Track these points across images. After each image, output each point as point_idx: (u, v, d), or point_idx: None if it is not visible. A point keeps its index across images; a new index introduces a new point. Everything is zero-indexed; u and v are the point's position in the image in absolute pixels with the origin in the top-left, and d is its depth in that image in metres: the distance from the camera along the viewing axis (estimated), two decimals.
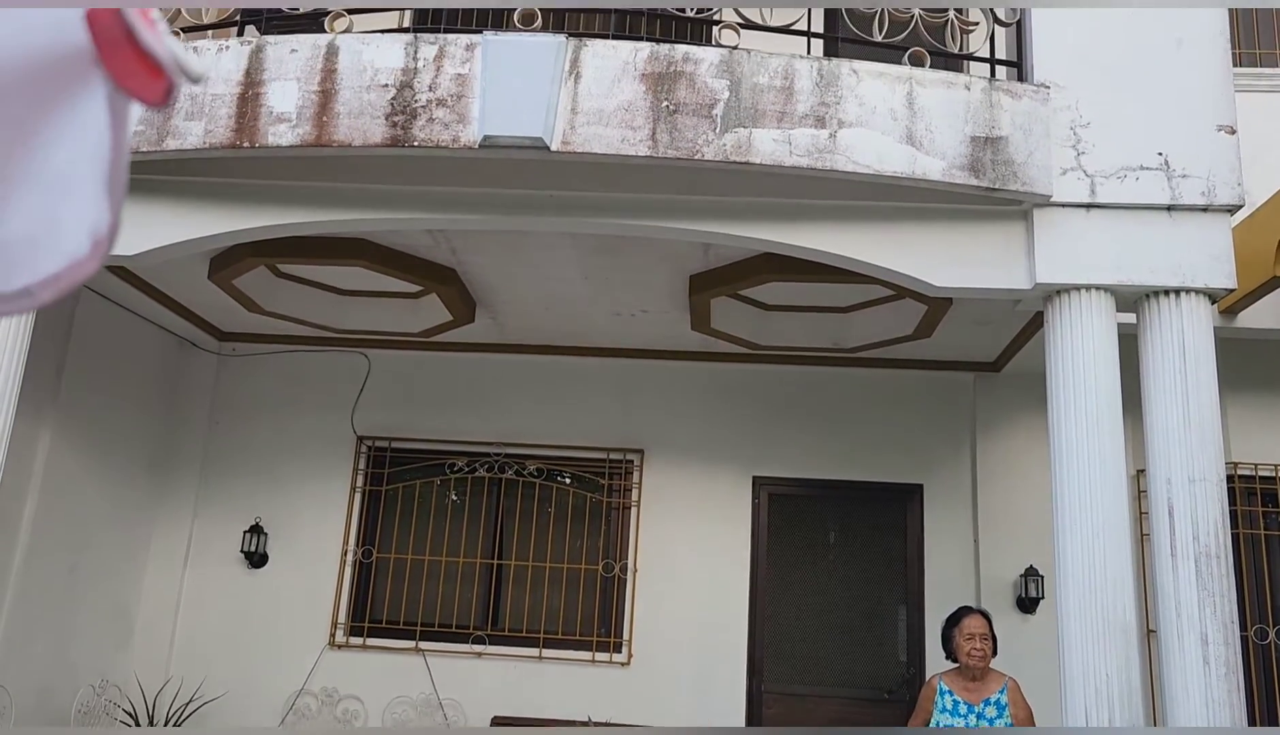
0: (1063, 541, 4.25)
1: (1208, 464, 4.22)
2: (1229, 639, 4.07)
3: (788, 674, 6.93)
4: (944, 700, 4.78)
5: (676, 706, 6.79)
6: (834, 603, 7.04)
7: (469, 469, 7.38)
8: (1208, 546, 4.13)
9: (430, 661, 6.98)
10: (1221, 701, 4.00)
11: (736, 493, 7.22)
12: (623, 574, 7.13)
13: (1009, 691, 4.75)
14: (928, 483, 7.13)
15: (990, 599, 6.75)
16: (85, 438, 6.44)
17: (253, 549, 7.13)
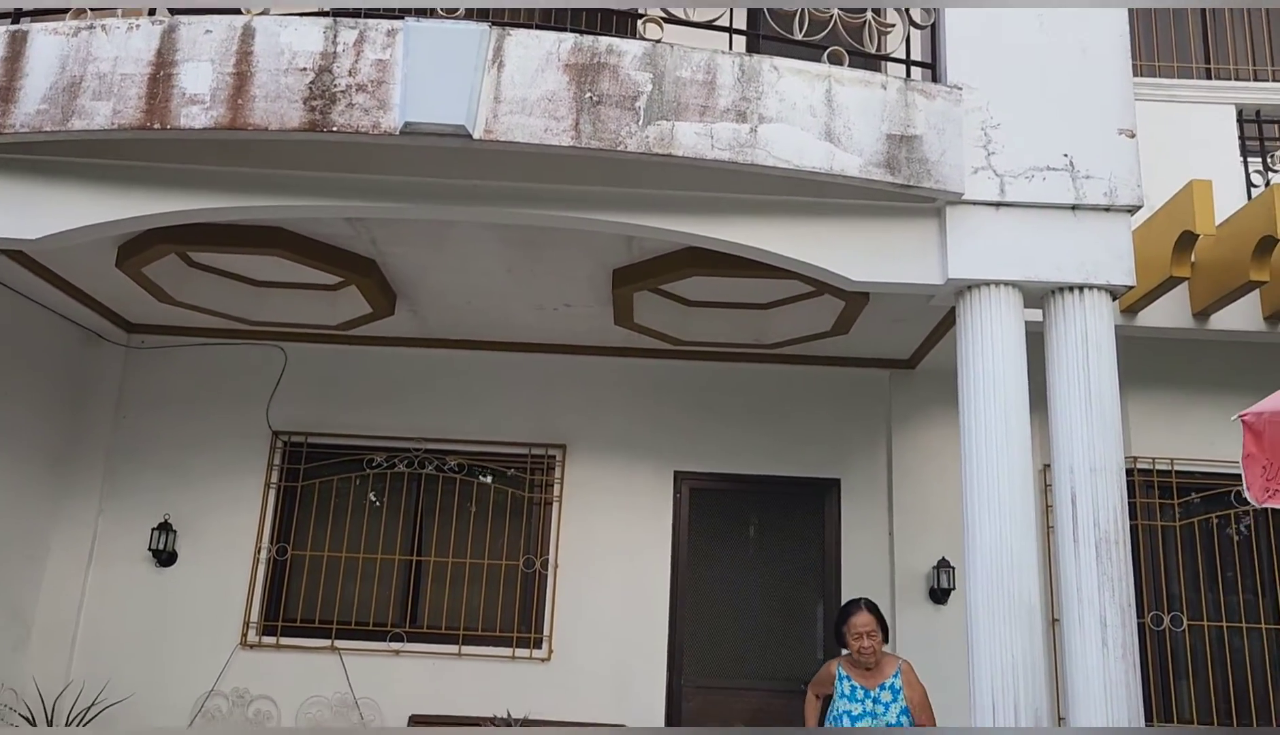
0: (972, 529, 4.38)
1: (1108, 454, 4.39)
2: (1126, 622, 4.24)
3: (707, 667, 6.99)
4: (842, 685, 4.93)
5: (597, 701, 6.79)
6: (753, 596, 7.13)
7: (388, 464, 7.28)
8: (1107, 533, 4.30)
9: (346, 660, 6.87)
10: (1119, 682, 4.17)
11: (658, 487, 7.26)
12: (543, 570, 7.11)
13: (903, 674, 4.92)
14: (845, 477, 7.27)
15: (904, 590, 6.92)
16: None
17: (161, 547, 6.92)
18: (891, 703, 4.77)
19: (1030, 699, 4.16)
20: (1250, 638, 6.65)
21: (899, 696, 4.80)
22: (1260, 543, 6.82)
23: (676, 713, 6.89)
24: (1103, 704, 4.15)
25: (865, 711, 4.78)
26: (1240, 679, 6.59)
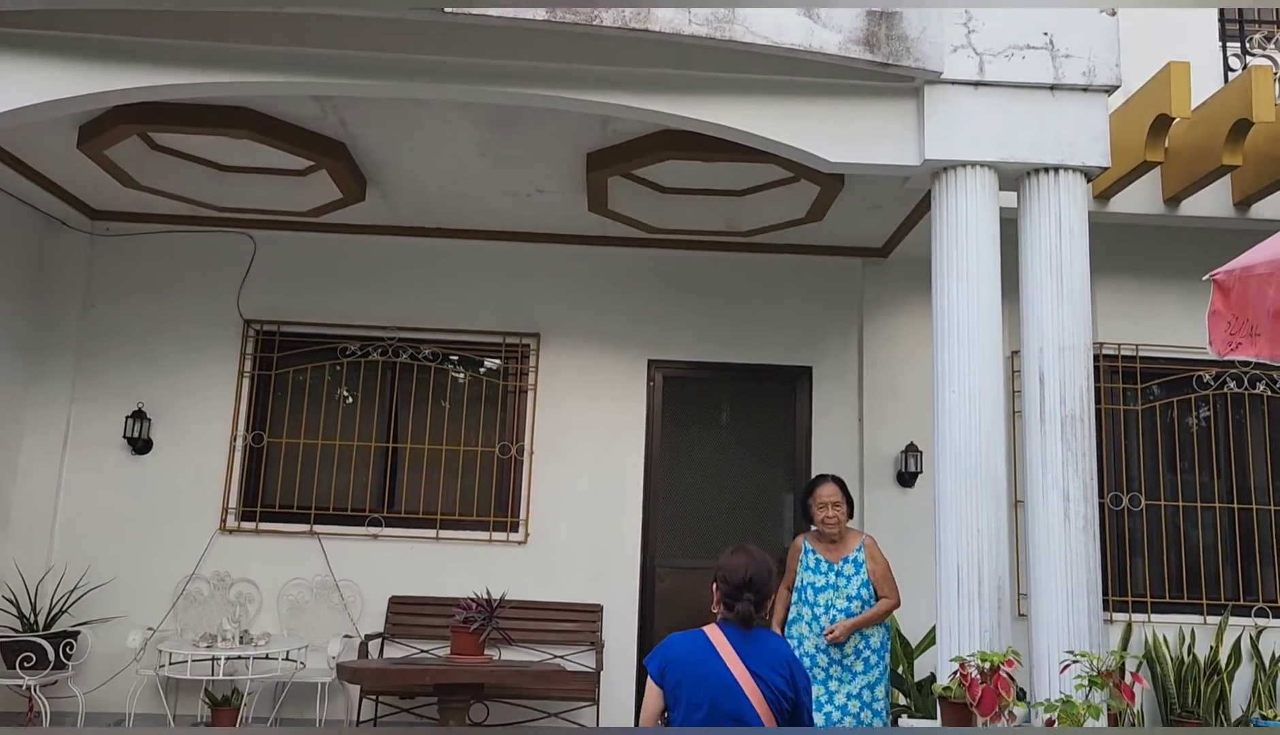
0: (942, 410, 4.48)
1: (1077, 333, 4.47)
2: (1088, 496, 4.38)
3: (679, 549, 7.16)
4: (808, 559, 5.00)
5: (572, 582, 6.96)
6: (725, 480, 7.26)
7: (362, 353, 7.27)
8: (1073, 411, 4.41)
9: (326, 544, 6.96)
10: (1079, 552, 4.33)
11: (631, 375, 7.31)
12: (519, 456, 7.19)
13: (866, 548, 5.00)
14: (817, 365, 7.35)
15: (873, 474, 7.08)
16: None
17: (136, 434, 6.92)
18: (854, 575, 4.88)
19: (994, 572, 4.33)
20: (1204, 516, 6.89)
21: (861, 569, 4.90)
22: (1218, 428, 7.01)
23: (650, 592, 7.08)
24: (1063, 575, 4.32)
25: (828, 583, 4.89)
26: (1193, 556, 6.85)
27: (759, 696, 3.05)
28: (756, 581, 3.18)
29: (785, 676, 3.11)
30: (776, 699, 3.06)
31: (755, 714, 3.03)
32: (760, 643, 3.16)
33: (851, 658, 4.81)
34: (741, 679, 3.06)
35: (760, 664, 3.09)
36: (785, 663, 3.15)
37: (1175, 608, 6.70)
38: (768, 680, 3.07)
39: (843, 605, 4.85)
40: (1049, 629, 4.28)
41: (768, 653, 3.14)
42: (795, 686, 3.13)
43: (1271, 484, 6.92)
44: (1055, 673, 4.13)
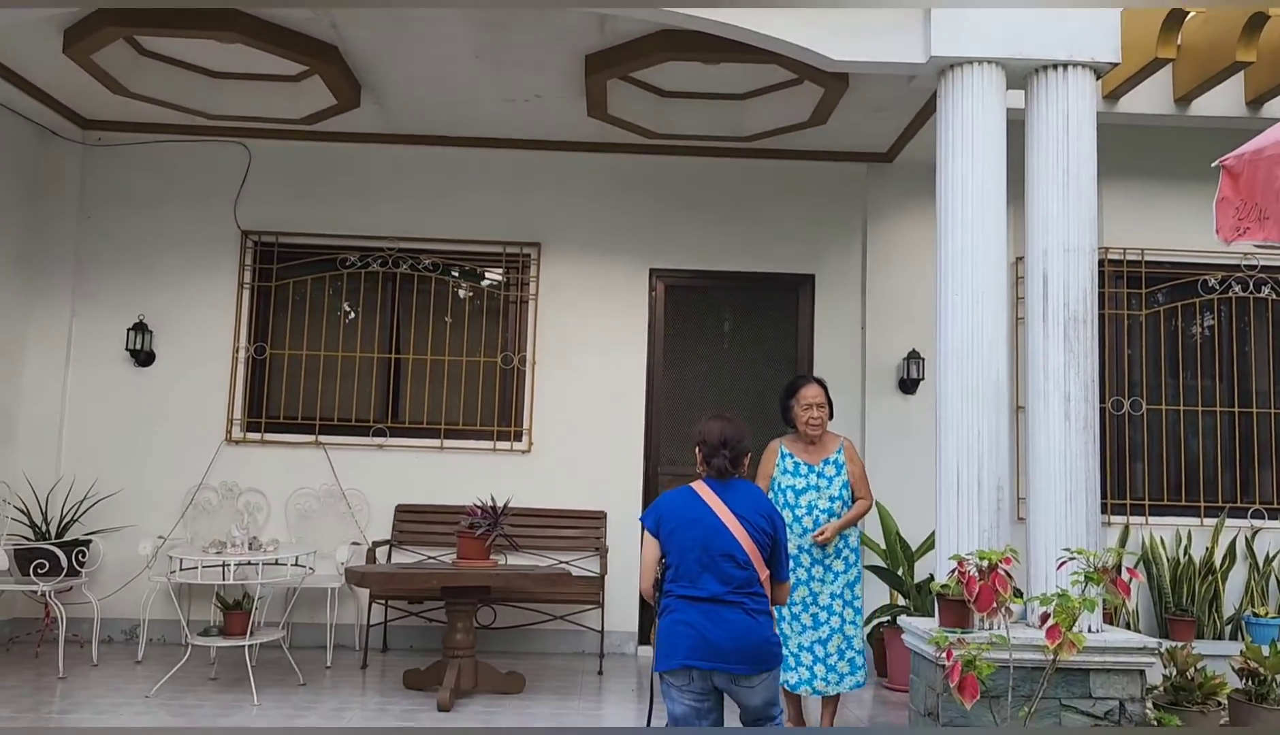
0: (945, 312, 4.45)
1: (1082, 235, 4.42)
2: (1089, 397, 4.38)
3: (682, 456, 7.21)
4: (785, 463, 4.94)
5: (576, 489, 7.03)
6: (727, 388, 7.28)
7: (362, 264, 7.23)
8: (1076, 312, 4.38)
9: (331, 454, 7.02)
10: (1079, 453, 4.35)
11: (633, 284, 7.27)
12: (521, 366, 7.20)
13: (845, 450, 4.96)
14: (819, 272, 7.30)
15: (874, 382, 7.09)
16: None
17: (138, 347, 6.93)
18: (835, 476, 4.85)
19: (993, 474, 4.35)
20: (1205, 421, 6.92)
21: (842, 471, 4.87)
22: (1221, 333, 6.99)
23: (651, 498, 7.13)
24: (1062, 475, 4.34)
25: (809, 485, 4.86)
26: (1192, 460, 6.90)
27: (744, 534, 3.41)
28: (731, 440, 3.55)
29: (765, 515, 3.49)
30: (759, 536, 3.43)
31: (741, 549, 3.39)
32: (740, 490, 3.53)
33: (833, 558, 4.82)
34: (727, 520, 3.43)
35: (742, 507, 3.47)
36: (764, 505, 3.53)
37: (1173, 510, 6.78)
38: (750, 520, 3.44)
39: (825, 506, 4.82)
40: (1047, 529, 4.33)
41: (748, 497, 3.52)
42: (774, 525, 3.50)
43: (1273, 388, 6.93)
44: (1052, 571, 4.19)
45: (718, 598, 3.36)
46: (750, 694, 3.41)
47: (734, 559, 3.37)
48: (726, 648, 3.32)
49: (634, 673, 6.39)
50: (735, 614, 3.35)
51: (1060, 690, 4.06)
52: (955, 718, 4.09)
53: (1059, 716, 4.08)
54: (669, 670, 3.39)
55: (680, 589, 3.40)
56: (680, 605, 3.39)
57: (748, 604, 3.37)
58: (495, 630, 6.75)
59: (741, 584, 3.37)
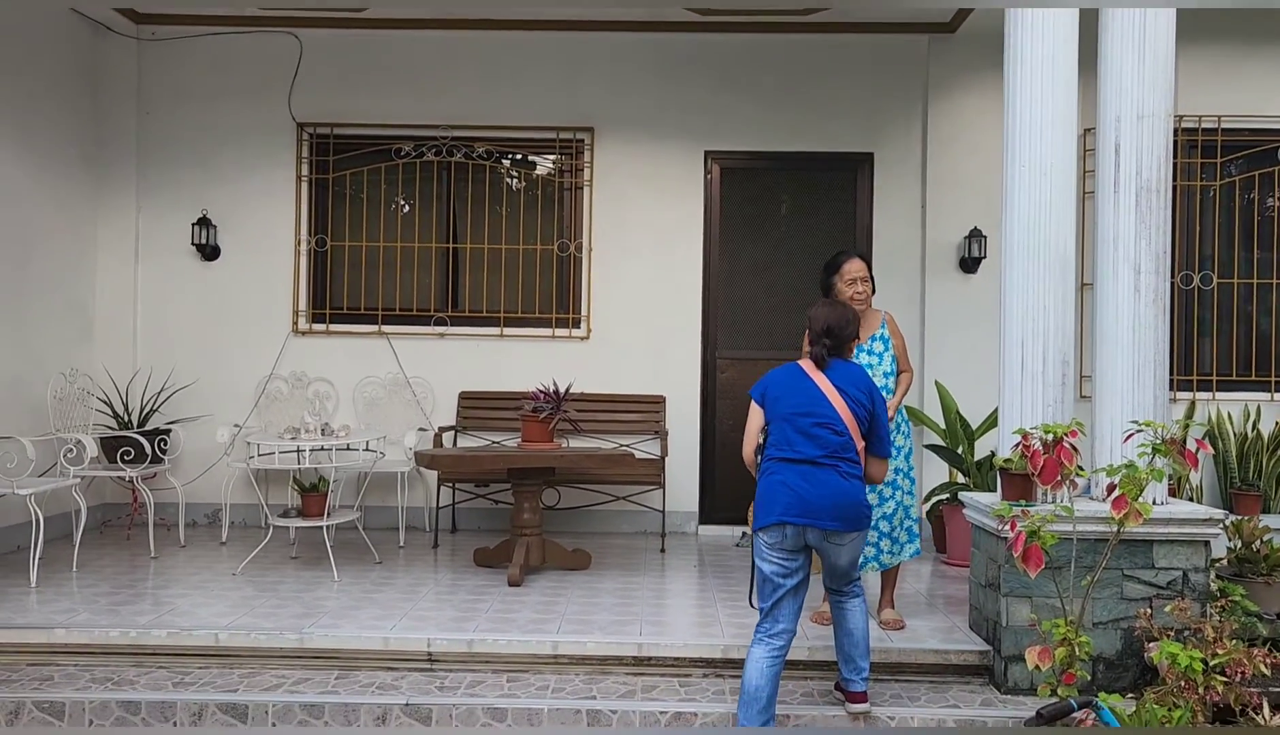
0: (1013, 179, 4.36)
1: (1157, 100, 4.27)
2: (1160, 269, 4.30)
3: (739, 340, 7.24)
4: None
5: (635, 374, 7.11)
6: (785, 271, 7.23)
7: (417, 154, 7.23)
8: (1149, 181, 4.26)
9: (394, 343, 7.16)
10: (1148, 325, 4.29)
11: (688, 168, 7.19)
12: (578, 253, 7.21)
13: (888, 324, 4.86)
14: (879, 151, 7.15)
15: (934, 261, 6.99)
16: (8, 133, 6.16)
17: (204, 241, 7.06)
18: (884, 352, 4.76)
19: (1059, 348, 4.31)
20: (1277, 294, 6.74)
21: (889, 345, 4.77)
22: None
23: (711, 383, 7.22)
24: (1130, 348, 4.29)
25: (864, 364, 4.73)
26: (1263, 334, 6.75)
27: (842, 404, 3.69)
28: (834, 329, 3.82)
29: (864, 391, 3.75)
30: (856, 408, 3.71)
31: (840, 419, 3.68)
32: (842, 368, 3.80)
33: (894, 432, 4.78)
34: (827, 391, 3.71)
35: (842, 381, 3.75)
36: (865, 382, 3.79)
37: (1241, 386, 6.68)
38: (849, 393, 3.72)
39: (881, 382, 4.73)
40: (1113, 402, 4.30)
41: (849, 374, 3.78)
42: (873, 400, 3.76)
43: None
44: (1117, 445, 4.18)
45: (814, 460, 3.65)
46: (839, 552, 3.71)
47: (831, 427, 3.67)
48: (820, 505, 3.61)
49: (694, 550, 6.55)
50: (829, 475, 3.64)
51: (1123, 561, 4.10)
52: (1016, 588, 4.16)
53: (1120, 587, 4.13)
54: (764, 527, 3.68)
55: (779, 453, 3.71)
56: (779, 467, 3.70)
57: (842, 467, 3.66)
58: (560, 511, 6.95)
59: (836, 449, 3.66)
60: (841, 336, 3.83)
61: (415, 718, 4.01)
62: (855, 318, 3.92)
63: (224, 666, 4.39)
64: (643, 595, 5.28)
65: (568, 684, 4.28)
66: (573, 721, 4.00)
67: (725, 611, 4.93)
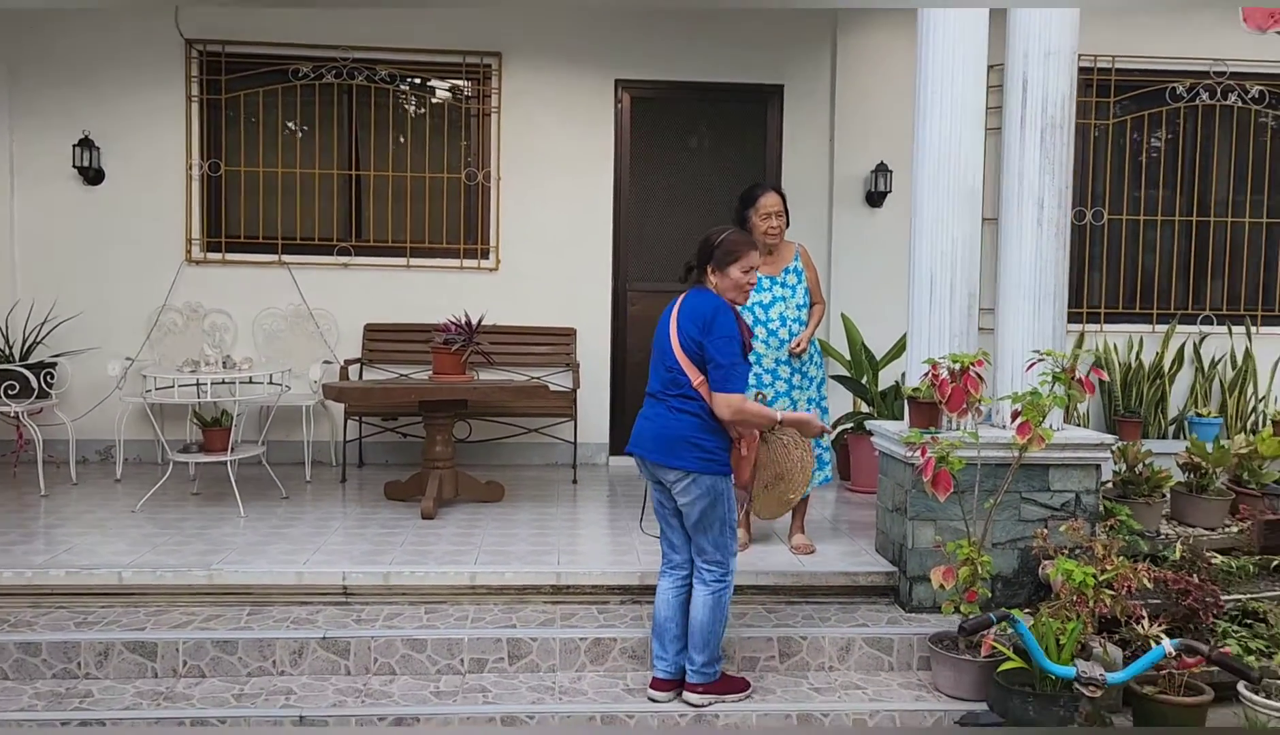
0: (924, 113, 4.42)
1: (1064, 38, 4.38)
2: (1062, 203, 4.45)
3: (651, 272, 7.24)
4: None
5: (545, 306, 7.06)
6: (696, 203, 7.23)
7: (315, 76, 6.93)
8: (1054, 117, 4.38)
9: (296, 274, 6.93)
10: (1049, 259, 4.44)
11: (599, 96, 7.09)
12: (486, 182, 7.07)
13: (801, 255, 4.94)
14: (789, 83, 7.16)
15: (842, 194, 7.09)
16: None
17: (86, 164, 6.66)
18: (797, 285, 4.83)
19: (966, 280, 4.43)
20: (1163, 230, 7.06)
21: (802, 277, 4.84)
22: (1185, 142, 7.04)
23: (622, 315, 7.22)
24: (1032, 281, 4.45)
25: (776, 297, 4.85)
26: (1148, 269, 7.08)
27: (676, 338, 3.62)
28: (699, 249, 3.74)
29: (698, 323, 3.58)
30: (685, 340, 3.59)
31: (671, 350, 3.62)
32: (692, 298, 3.68)
33: (807, 364, 4.92)
34: (671, 322, 3.66)
35: (683, 312, 3.65)
36: (704, 312, 3.59)
37: (1127, 318, 7.01)
38: (682, 325, 3.62)
39: (794, 315, 4.84)
40: (1015, 333, 4.46)
41: (692, 304, 3.65)
42: (706, 332, 3.56)
43: (1231, 197, 7.06)
44: (1018, 374, 4.35)
45: (653, 393, 3.73)
46: (681, 500, 3.63)
47: (664, 360, 3.67)
48: (644, 437, 3.68)
49: (605, 481, 6.61)
50: (659, 409, 3.67)
51: (1021, 485, 4.30)
52: (921, 512, 4.33)
53: (1019, 509, 4.34)
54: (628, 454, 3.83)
55: (647, 387, 3.80)
56: (645, 401, 3.80)
57: (671, 402, 3.63)
58: (471, 444, 6.90)
59: (668, 383, 3.65)
60: (702, 257, 3.69)
61: (333, 651, 3.98)
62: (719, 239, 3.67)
63: (128, 605, 4.27)
64: (558, 525, 5.31)
65: (487, 613, 4.29)
66: (494, 649, 4.03)
67: (640, 540, 5.00)
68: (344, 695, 3.80)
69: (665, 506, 3.77)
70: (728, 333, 3.57)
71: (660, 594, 3.81)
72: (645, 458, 3.70)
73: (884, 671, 4.14)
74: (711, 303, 3.63)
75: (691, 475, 3.59)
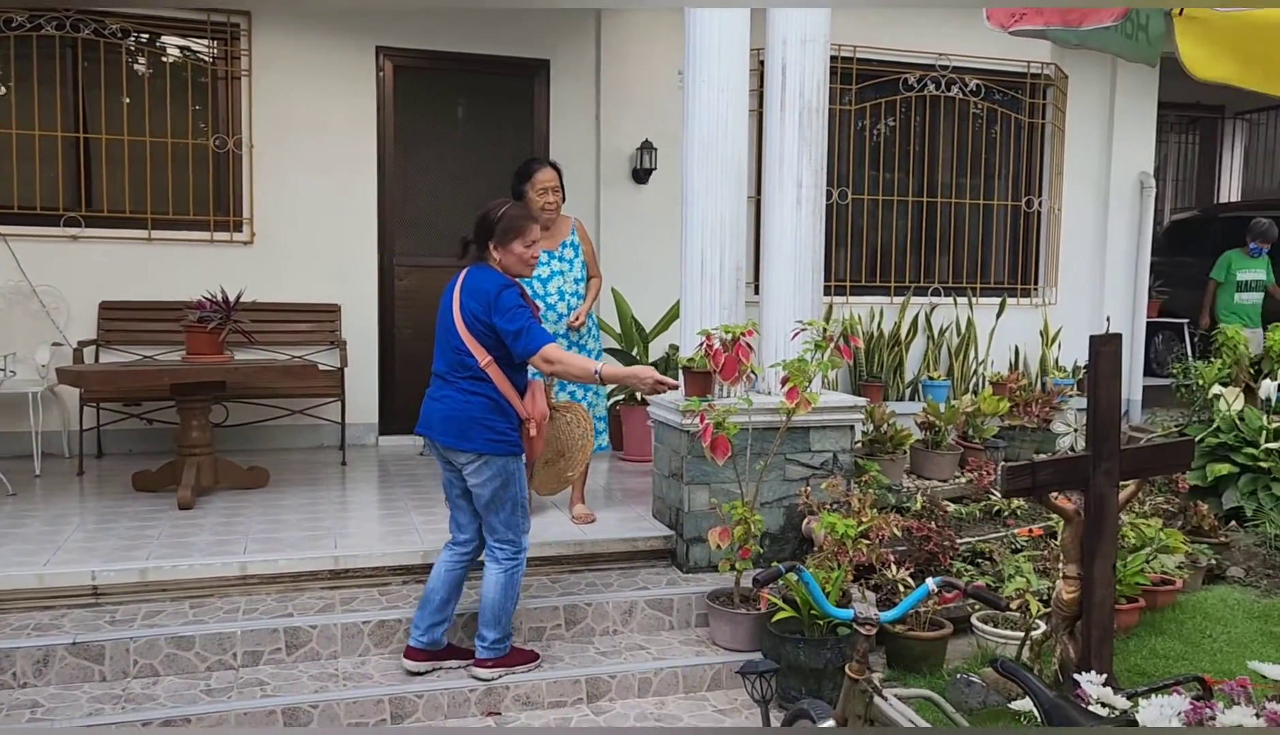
0: (692, 95, 4.58)
1: (818, 26, 4.66)
2: (818, 183, 4.75)
3: (418, 247, 7.07)
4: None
5: (307, 282, 6.73)
6: (463, 177, 7.12)
7: (33, 25, 6.23)
8: (810, 101, 4.67)
9: (14, 246, 6.23)
10: (808, 235, 4.74)
11: (359, 63, 6.82)
12: (237, 149, 6.64)
13: (578, 229, 5.02)
14: (555, 58, 7.18)
15: (609, 171, 7.22)
16: None
17: None
18: (574, 258, 4.92)
19: (734, 255, 4.66)
20: (898, 210, 7.70)
21: (579, 251, 4.95)
22: (915, 129, 7.69)
23: (389, 291, 7.01)
24: (792, 256, 4.73)
25: (554, 271, 4.90)
26: (885, 245, 7.70)
27: (460, 319, 3.59)
28: (477, 227, 3.73)
29: (481, 300, 3.58)
30: (469, 319, 3.58)
31: (457, 333, 3.59)
32: (471, 275, 3.67)
33: (585, 337, 5.01)
34: (454, 304, 3.63)
35: (465, 292, 3.63)
36: (486, 289, 3.59)
37: (869, 290, 7.59)
38: (465, 303, 3.60)
39: (572, 289, 4.91)
40: (779, 305, 4.74)
41: (475, 283, 3.63)
42: (491, 308, 3.56)
43: (954, 180, 7.79)
44: (783, 343, 4.63)
45: (440, 374, 3.70)
46: (472, 481, 3.64)
47: (450, 340, 3.63)
48: (433, 418, 3.66)
49: (377, 461, 6.43)
50: (448, 390, 3.64)
51: (786, 447, 4.58)
52: (697, 476, 4.52)
53: (784, 470, 4.62)
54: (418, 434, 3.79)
55: (433, 367, 3.76)
56: (430, 381, 3.76)
57: (461, 383, 3.61)
58: (229, 428, 6.50)
59: (455, 364, 3.63)
60: (480, 233, 3.69)
61: (84, 656, 3.67)
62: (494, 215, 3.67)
63: None
64: (331, 509, 5.12)
65: (260, 604, 4.09)
66: (270, 640, 3.85)
67: (420, 518, 4.92)
68: (100, 703, 3.52)
69: (455, 486, 3.77)
70: (515, 303, 3.60)
71: (437, 565, 3.82)
72: (435, 440, 3.66)
73: (665, 631, 4.30)
74: (494, 280, 3.62)
75: (483, 457, 3.60)
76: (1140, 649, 4.12)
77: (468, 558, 3.81)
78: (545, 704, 3.80)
